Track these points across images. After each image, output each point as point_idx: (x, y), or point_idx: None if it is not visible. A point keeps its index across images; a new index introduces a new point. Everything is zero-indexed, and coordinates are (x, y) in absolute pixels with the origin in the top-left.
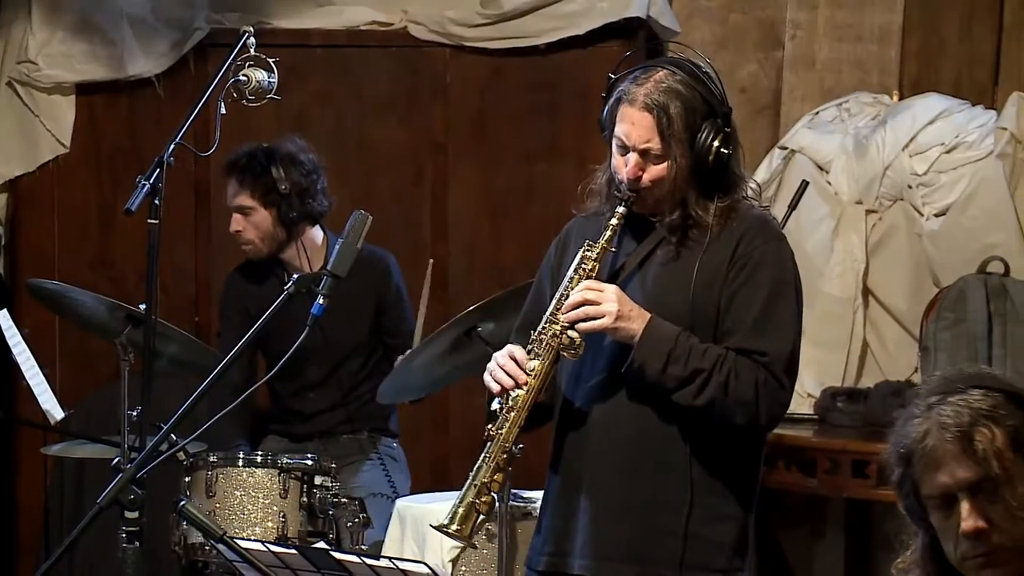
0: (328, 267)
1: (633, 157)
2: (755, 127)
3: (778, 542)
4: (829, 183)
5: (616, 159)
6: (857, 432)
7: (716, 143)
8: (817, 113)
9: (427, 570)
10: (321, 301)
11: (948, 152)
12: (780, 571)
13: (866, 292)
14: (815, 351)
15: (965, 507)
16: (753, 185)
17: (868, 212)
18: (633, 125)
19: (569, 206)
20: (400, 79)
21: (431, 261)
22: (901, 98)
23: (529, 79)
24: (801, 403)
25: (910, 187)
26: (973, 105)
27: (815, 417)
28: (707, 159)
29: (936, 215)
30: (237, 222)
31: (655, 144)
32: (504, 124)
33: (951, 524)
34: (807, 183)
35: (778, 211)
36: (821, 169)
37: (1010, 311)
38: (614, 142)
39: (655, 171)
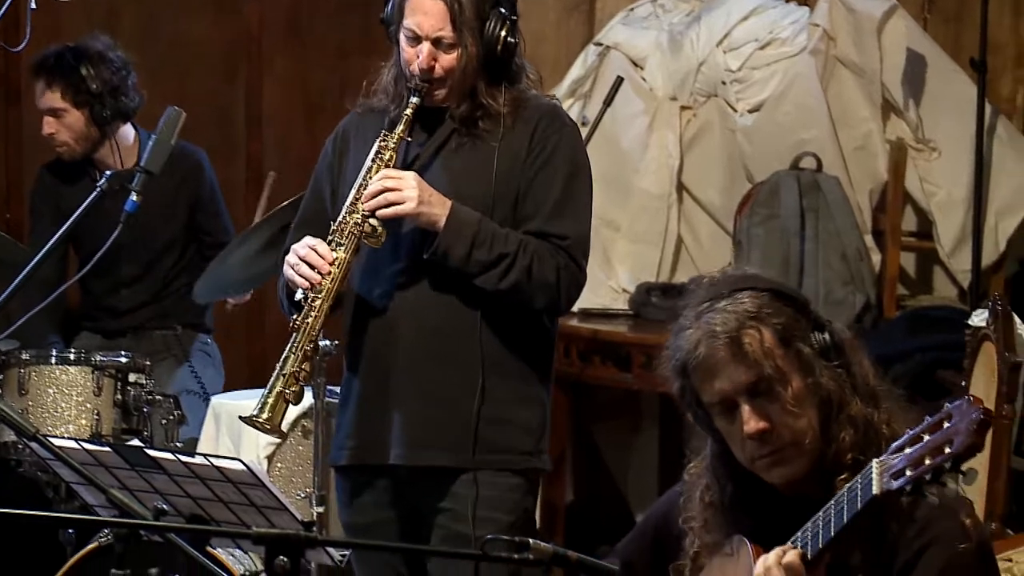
0: (141, 163)
1: (426, 47)
2: (570, 23)
3: (593, 436)
4: (644, 79)
5: (407, 51)
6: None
7: (504, 32)
8: (632, 9)
9: (242, 467)
10: (134, 198)
11: (762, 48)
12: (596, 464)
13: (680, 188)
14: (630, 246)
15: (745, 410)
16: (532, 75)
17: (682, 108)
18: (426, 15)
19: None
20: None
21: (272, 174)
22: None
23: None
24: (616, 298)
25: (724, 83)
26: (787, 1)
27: (630, 312)
28: (496, 48)
29: (750, 111)
30: (49, 124)
31: (447, 32)
32: (318, 19)
33: (735, 428)
34: (622, 79)
35: (593, 107)
36: (636, 65)
37: (822, 206)
38: (403, 35)
39: (447, 60)
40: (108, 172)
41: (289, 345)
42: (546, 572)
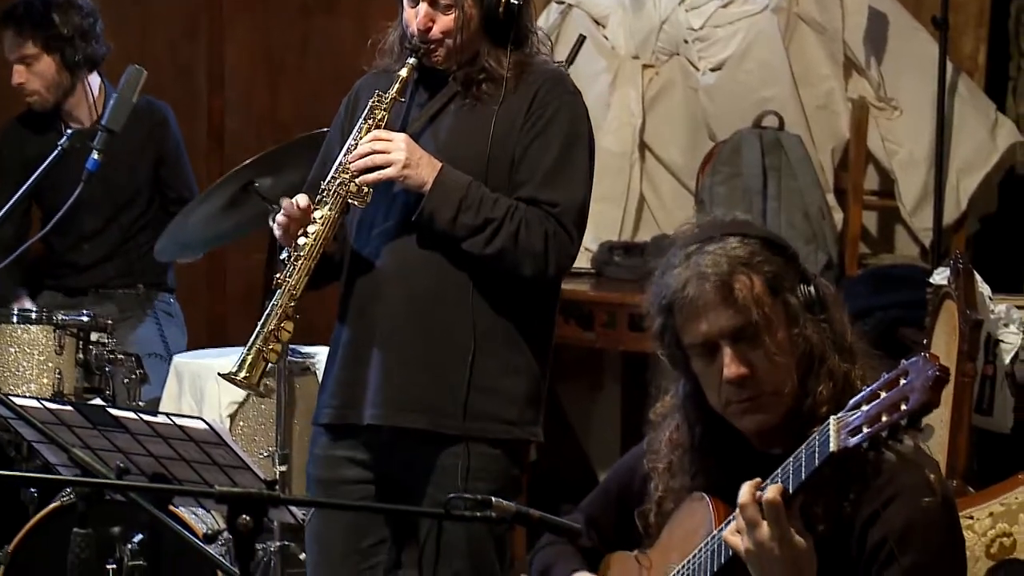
0: (103, 122)
1: (423, 8)
2: None
3: (557, 394)
4: (606, 38)
5: (407, 12)
6: (634, 286)
7: None
8: None
9: (205, 426)
10: (96, 156)
11: (724, 6)
12: (559, 422)
13: (643, 146)
14: (592, 205)
15: (728, 354)
16: (545, 40)
17: (645, 67)
18: None
19: (346, 61)
20: None
21: None
22: None
23: None
24: (579, 257)
25: (686, 42)
26: None
27: (592, 271)
28: (497, 10)
29: (712, 69)
30: (19, 74)
31: None
32: None
33: (713, 371)
34: (584, 38)
35: None
36: (598, 24)
37: (784, 165)
38: None
39: (445, 21)
40: (69, 131)
41: (271, 303)
42: (509, 530)
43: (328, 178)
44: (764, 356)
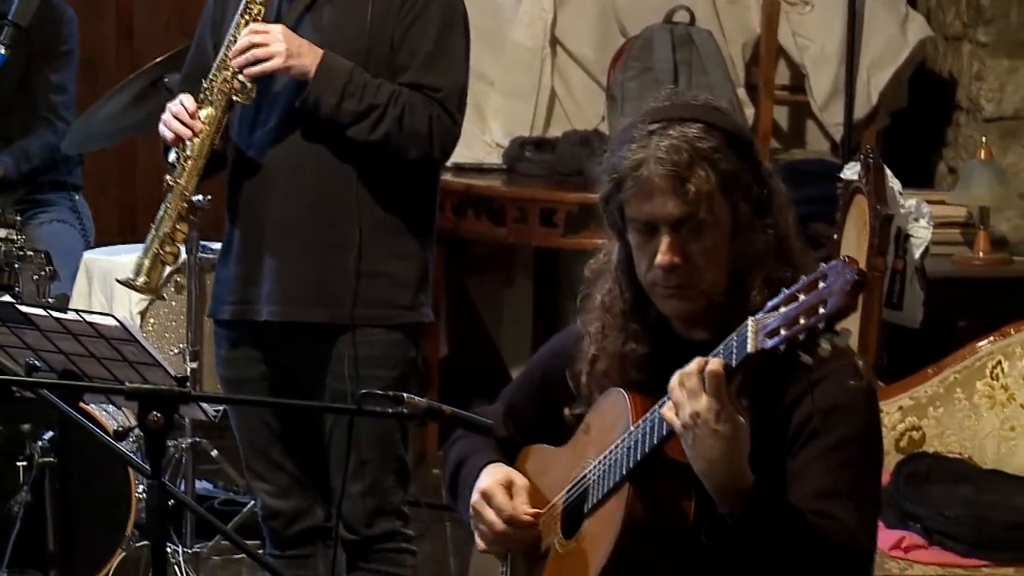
0: (10, 16)
1: None
2: None
3: (467, 290)
4: None
5: None
6: (545, 181)
7: None
8: None
9: (115, 323)
10: (2, 51)
11: None
12: (470, 318)
13: (554, 41)
14: (503, 100)
15: (665, 240)
16: None
17: None
18: None
19: None
20: None
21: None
22: None
23: None
24: (490, 152)
25: None
26: None
27: (504, 167)
28: None
29: None
30: None
31: None
32: None
33: (648, 250)
34: None
35: None
36: None
37: (695, 60)
38: None
39: None
40: None
41: (163, 206)
42: (421, 426)
43: (210, 75)
44: (701, 251)
